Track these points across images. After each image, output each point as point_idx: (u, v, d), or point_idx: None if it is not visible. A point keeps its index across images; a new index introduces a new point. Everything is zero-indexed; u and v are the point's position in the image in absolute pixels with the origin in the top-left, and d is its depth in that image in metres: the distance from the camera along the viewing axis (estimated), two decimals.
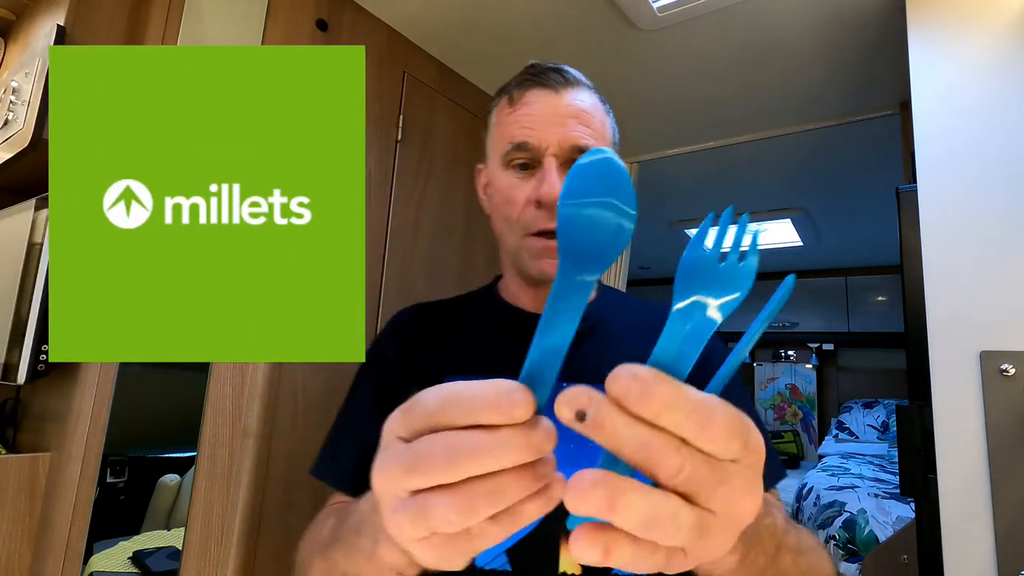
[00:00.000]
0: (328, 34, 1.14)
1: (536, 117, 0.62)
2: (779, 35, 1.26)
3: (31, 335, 0.79)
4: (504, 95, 0.67)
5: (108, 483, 0.84)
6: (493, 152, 0.67)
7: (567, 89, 0.63)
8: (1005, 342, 0.82)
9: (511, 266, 0.68)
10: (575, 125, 0.61)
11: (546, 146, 0.61)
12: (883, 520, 2.22)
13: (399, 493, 0.25)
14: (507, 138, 0.63)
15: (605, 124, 0.65)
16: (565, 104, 0.62)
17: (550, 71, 0.64)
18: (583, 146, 0.61)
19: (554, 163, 0.60)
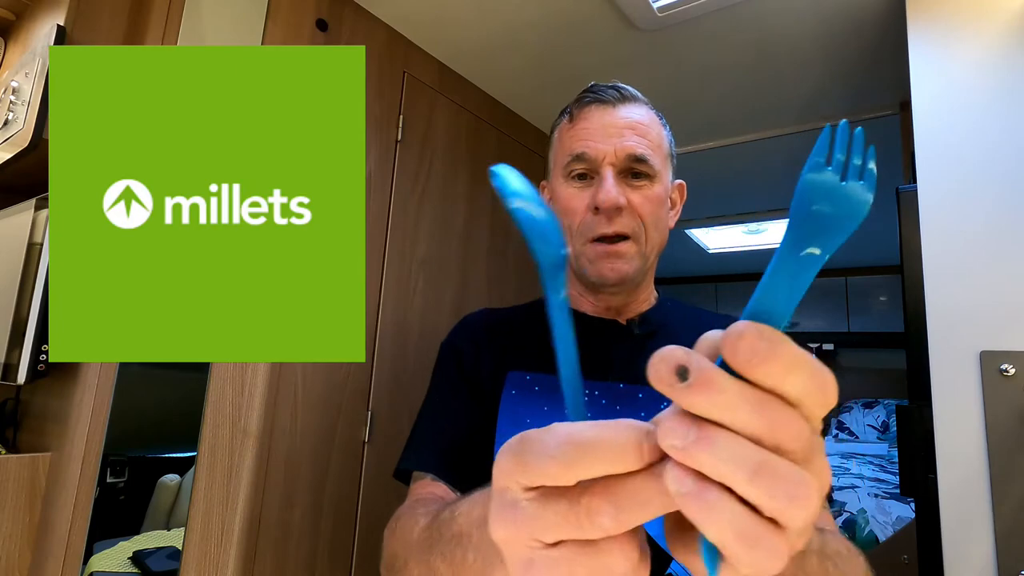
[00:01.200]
0: (328, 34, 1.14)
1: (593, 130, 0.65)
2: (779, 35, 1.26)
3: (31, 335, 0.79)
4: (565, 114, 0.71)
5: (108, 483, 0.84)
6: (555, 166, 0.70)
7: (623, 104, 0.66)
8: (1005, 342, 0.82)
9: (572, 273, 0.70)
10: (630, 135, 0.64)
11: (603, 156, 0.64)
12: (883, 520, 2.22)
13: (532, 545, 0.23)
14: (567, 151, 0.66)
15: (661, 136, 0.68)
16: (621, 116, 0.65)
17: (607, 88, 0.67)
18: (639, 155, 0.64)
19: (611, 172, 0.63)
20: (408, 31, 1.31)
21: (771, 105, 1.58)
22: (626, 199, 0.63)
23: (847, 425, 3.79)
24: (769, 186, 2.31)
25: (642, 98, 0.69)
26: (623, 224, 0.64)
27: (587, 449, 0.21)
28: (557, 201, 0.68)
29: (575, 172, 0.66)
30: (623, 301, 0.70)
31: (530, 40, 1.32)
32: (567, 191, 0.66)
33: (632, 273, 0.66)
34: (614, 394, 0.65)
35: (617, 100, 0.66)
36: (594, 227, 0.64)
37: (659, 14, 1.18)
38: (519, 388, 0.66)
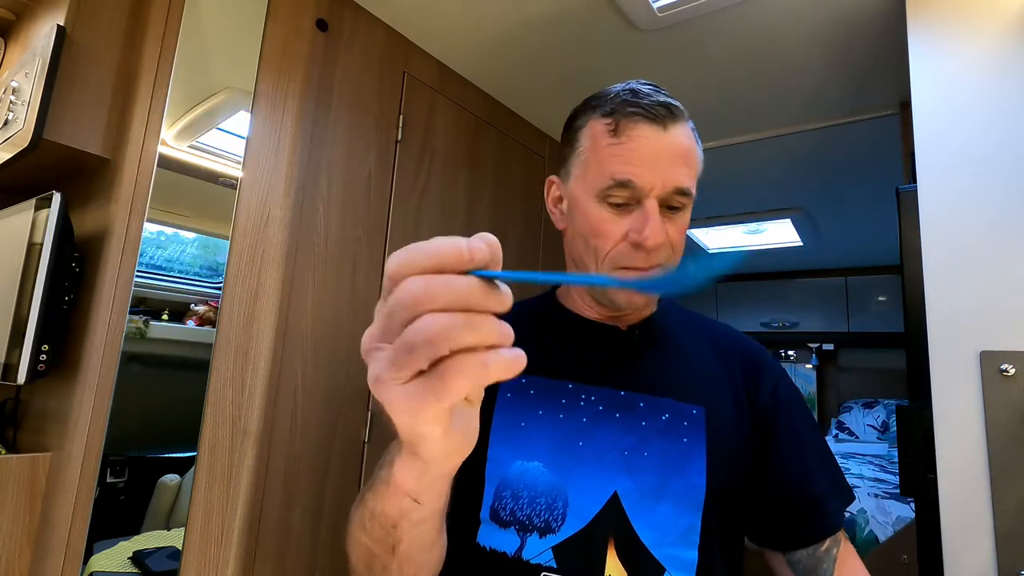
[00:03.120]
0: (328, 34, 1.14)
1: (643, 156, 0.60)
2: (779, 35, 1.26)
3: (31, 335, 0.79)
4: (603, 116, 0.64)
5: (108, 483, 0.84)
6: (585, 176, 0.65)
7: (672, 124, 0.62)
8: (1005, 342, 0.82)
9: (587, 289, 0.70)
10: (679, 166, 0.61)
11: (650, 188, 0.60)
12: (883, 520, 2.22)
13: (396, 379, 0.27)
14: (608, 172, 0.61)
15: (699, 159, 0.66)
16: (672, 144, 0.61)
17: (658, 105, 0.62)
18: (684, 188, 0.62)
19: (656, 205, 0.60)
20: (408, 31, 1.31)
21: (771, 105, 1.58)
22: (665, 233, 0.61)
23: (847, 425, 3.79)
24: (769, 186, 2.31)
25: (684, 112, 0.65)
26: (659, 258, 0.62)
27: (418, 248, 0.26)
28: (584, 219, 0.64)
29: (614, 199, 0.61)
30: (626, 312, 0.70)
31: (530, 40, 1.32)
32: (601, 213, 0.62)
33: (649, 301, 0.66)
34: (613, 401, 0.65)
35: (667, 119, 0.61)
36: (629, 259, 0.61)
37: (659, 14, 1.18)
38: (514, 391, 0.66)
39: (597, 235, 0.63)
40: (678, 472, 0.61)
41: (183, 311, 0.96)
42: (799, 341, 4.16)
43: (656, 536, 0.59)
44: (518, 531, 0.59)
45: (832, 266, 3.82)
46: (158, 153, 0.89)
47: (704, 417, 0.64)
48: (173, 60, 0.92)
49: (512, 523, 0.60)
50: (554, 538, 0.59)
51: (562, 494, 0.60)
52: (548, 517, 0.59)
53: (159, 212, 0.90)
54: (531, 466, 0.61)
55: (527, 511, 0.60)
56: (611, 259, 0.62)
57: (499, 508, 0.61)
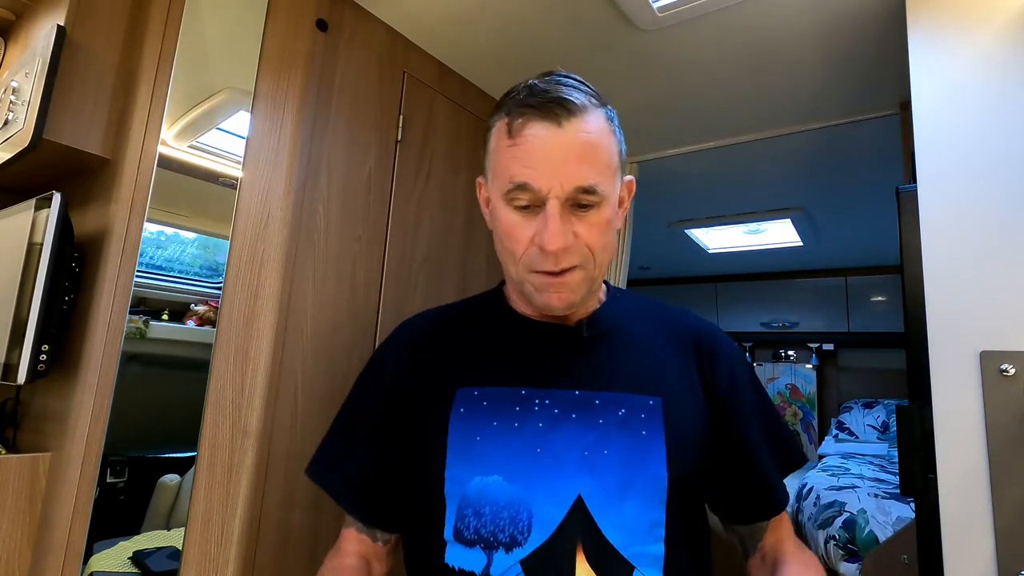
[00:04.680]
0: (328, 34, 1.14)
1: (536, 157, 0.58)
2: (779, 35, 1.26)
3: (31, 335, 0.79)
4: (504, 116, 0.63)
5: (108, 483, 0.84)
6: (494, 179, 0.64)
7: (570, 120, 0.59)
8: (1005, 342, 0.82)
9: (515, 287, 0.69)
10: (578, 164, 0.58)
11: (548, 189, 0.58)
12: (883, 520, 2.22)
13: None
14: (507, 176, 0.60)
15: (611, 150, 0.62)
16: (567, 141, 0.58)
17: (551, 103, 0.59)
18: (587, 186, 0.58)
19: (556, 207, 0.58)
20: (408, 31, 1.31)
21: (771, 105, 1.58)
22: (572, 233, 0.59)
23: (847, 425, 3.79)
24: (769, 186, 2.31)
25: (590, 101, 0.61)
26: (570, 260, 0.60)
27: None
28: (498, 221, 0.64)
29: (518, 202, 0.60)
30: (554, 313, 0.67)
31: (530, 40, 1.32)
32: (510, 217, 0.61)
33: (579, 300, 0.63)
34: (568, 402, 0.64)
35: (563, 117, 0.58)
36: (539, 263, 0.60)
37: (659, 14, 1.18)
38: (467, 406, 0.64)
39: (509, 238, 0.62)
40: (639, 466, 0.61)
41: (183, 311, 0.96)
42: (799, 341, 4.16)
43: (623, 536, 0.59)
44: (483, 548, 0.58)
45: (832, 266, 3.81)
46: (158, 153, 0.89)
47: (661, 407, 0.64)
48: (173, 60, 0.92)
49: (477, 541, 0.59)
50: (521, 551, 0.57)
51: (525, 505, 0.59)
52: (513, 531, 0.58)
53: (159, 212, 0.90)
54: (490, 480, 0.60)
55: (491, 527, 0.59)
56: (524, 263, 0.62)
57: (462, 527, 0.60)
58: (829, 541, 2.30)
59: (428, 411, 0.66)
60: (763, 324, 4.09)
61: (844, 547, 2.23)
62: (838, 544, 2.25)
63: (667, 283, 4.40)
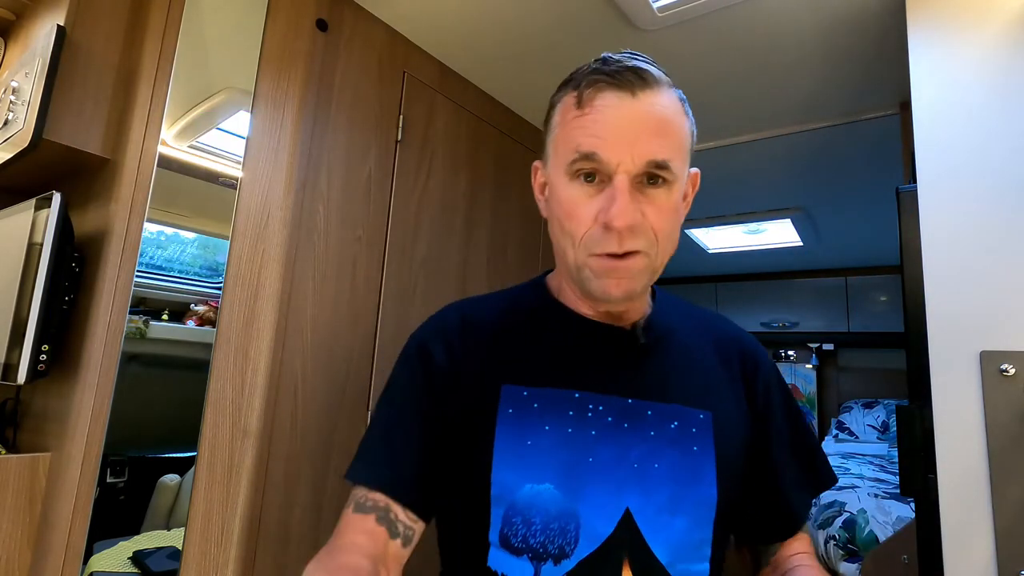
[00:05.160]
0: (328, 34, 1.14)
1: (608, 126, 0.55)
2: (779, 35, 1.26)
3: (31, 335, 0.79)
4: (571, 89, 0.59)
5: (108, 483, 0.84)
6: (555, 155, 0.60)
7: (645, 91, 0.55)
8: (1005, 342, 0.82)
9: (569, 277, 0.63)
10: (651, 138, 0.54)
11: (617, 161, 0.54)
12: (883, 520, 2.22)
13: None
14: (573, 145, 0.56)
15: (684, 129, 0.59)
16: (642, 112, 0.55)
17: (626, 71, 0.56)
18: (660, 161, 0.54)
19: (626, 181, 0.54)
20: (408, 31, 1.31)
21: (771, 105, 1.58)
22: (640, 213, 0.55)
23: (847, 425, 3.79)
24: (769, 186, 2.31)
25: (664, 79, 0.58)
26: (635, 242, 0.55)
27: None
28: (558, 201, 0.59)
29: (582, 172, 0.56)
30: (624, 308, 0.65)
31: (530, 40, 1.32)
32: (570, 193, 0.57)
33: (639, 290, 0.59)
34: (621, 410, 0.61)
35: (636, 85, 0.55)
36: (603, 244, 0.56)
37: (659, 14, 1.18)
38: (516, 406, 0.61)
39: (570, 217, 0.57)
40: (690, 483, 0.59)
41: (183, 311, 0.96)
42: (799, 341, 4.16)
43: (671, 553, 0.57)
44: (531, 559, 0.57)
45: (832, 266, 3.81)
46: (158, 153, 0.90)
47: (711, 422, 0.62)
48: (173, 60, 0.92)
49: (525, 551, 0.57)
50: (568, 563, 0.56)
51: (574, 516, 0.57)
52: (562, 542, 0.56)
53: (159, 212, 0.90)
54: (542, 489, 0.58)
55: (540, 538, 0.57)
56: (585, 245, 0.57)
57: (510, 534, 0.58)
58: (829, 541, 2.30)
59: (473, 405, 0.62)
60: (763, 324, 4.09)
61: (844, 547, 2.23)
62: (838, 544, 2.25)
63: (667, 283, 4.40)
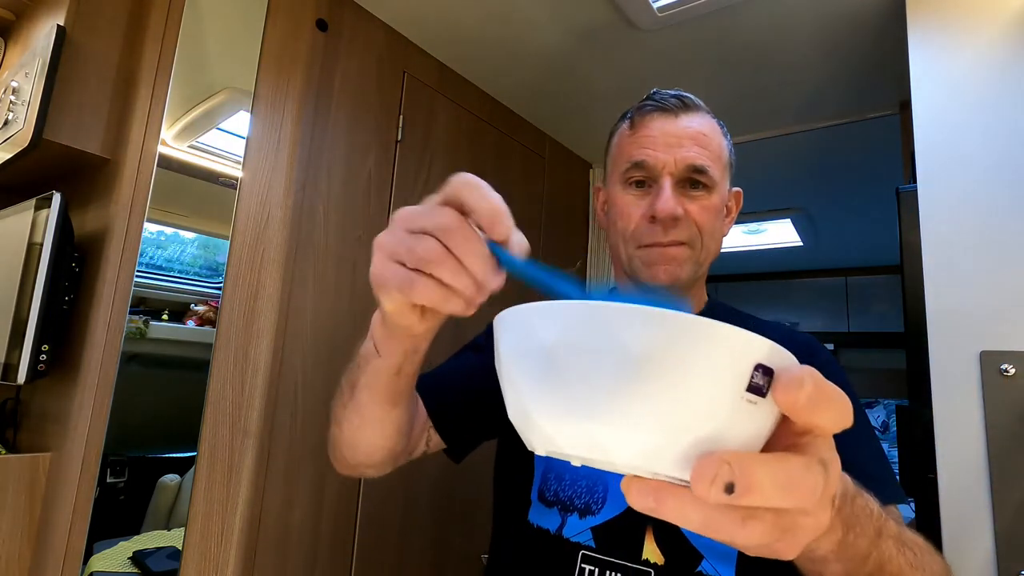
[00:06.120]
0: (328, 34, 1.14)
1: (655, 138, 0.65)
2: (779, 35, 1.26)
3: (31, 335, 0.79)
4: (626, 120, 0.71)
5: (108, 483, 0.84)
6: (613, 172, 0.71)
7: (685, 112, 0.67)
8: (1005, 342, 0.82)
9: (626, 277, 0.71)
10: (691, 146, 0.64)
11: (662, 165, 0.64)
12: None
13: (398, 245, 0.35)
14: (626, 158, 0.67)
15: (722, 146, 0.68)
16: (682, 127, 0.66)
17: (670, 96, 0.68)
18: (698, 165, 0.64)
19: (669, 182, 0.64)
20: (408, 31, 1.31)
21: (771, 105, 1.58)
22: (683, 209, 0.64)
23: None
24: (769, 186, 2.31)
25: (704, 107, 0.69)
26: (679, 234, 0.64)
27: (481, 189, 0.37)
28: (613, 207, 0.69)
29: (633, 179, 0.66)
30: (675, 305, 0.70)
31: (530, 40, 1.32)
32: (624, 198, 0.67)
33: (685, 278, 0.66)
34: None
35: (679, 109, 0.66)
36: (649, 235, 0.65)
37: (659, 14, 1.18)
38: None
39: (622, 216, 0.67)
40: None
41: (183, 311, 0.96)
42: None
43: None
44: (560, 511, 0.62)
45: (832, 266, 3.81)
46: (158, 153, 0.90)
47: None
48: (173, 60, 0.92)
49: (555, 503, 0.63)
50: (593, 519, 0.61)
51: (602, 479, 0.62)
52: (588, 499, 0.62)
53: (159, 212, 0.90)
54: None
55: (568, 492, 0.62)
56: (635, 237, 0.66)
57: (544, 489, 0.64)
58: None
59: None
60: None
61: None
62: None
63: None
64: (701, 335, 0.20)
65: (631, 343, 0.20)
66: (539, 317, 0.23)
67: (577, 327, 0.21)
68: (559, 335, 0.22)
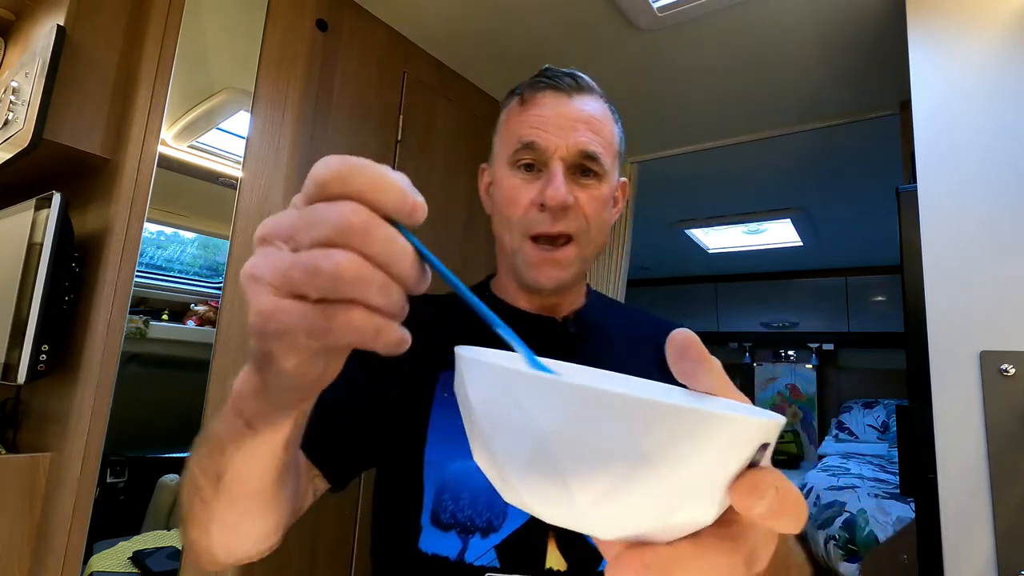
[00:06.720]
0: (328, 34, 1.14)
1: (546, 119, 0.62)
2: (779, 35, 1.26)
3: (31, 335, 0.79)
4: (515, 96, 0.67)
5: (108, 483, 0.84)
6: (500, 151, 0.66)
7: (579, 94, 0.63)
8: (1005, 342, 0.82)
9: (508, 268, 0.68)
10: (584, 131, 0.61)
11: (554, 149, 0.61)
12: (883, 520, 2.22)
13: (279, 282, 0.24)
14: (515, 138, 0.63)
15: (613, 133, 0.65)
16: (576, 109, 0.62)
17: (563, 75, 0.64)
18: (590, 152, 0.61)
19: (560, 167, 0.60)
20: (408, 31, 1.31)
21: (771, 105, 1.58)
22: (573, 198, 0.61)
23: (847, 425, 3.79)
24: (769, 186, 2.31)
25: (598, 89, 0.66)
26: (567, 224, 0.61)
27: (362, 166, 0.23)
28: (499, 190, 0.65)
29: (522, 161, 0.62)
30: (557, 300, 0.68)
31: (531, 39, 1.32)
32: (511, 181, 0.63)
33: (570, 280, 0.64)
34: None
35: (573, 89, 0.63)
36: (537, 224, 0.61)
37: (659, 14, 1.18)
38: (451, 390, 0.61)
39: (509, 203, 0.63)
40: None
41: (183, 311, 0.96)
42: (799, 341, 4.16)
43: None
44: (459, 533, 0.58)
45: (832, 266, 3.82)
46: (158, 153, 0.89)
47: None
48: (173, 60, 0.92)
49: (453, 526, 0.59)
50: (496, 536, 0.57)
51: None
52: (490, 516, 0.58)
53: (159, 212, 0.90)
54: (472, 465, 0.57)
55: (468, 512, 0.59)
56: (522, 226, 0.62)
57: (440, 511, 0.59)
58: (829, 541, 2.30)
59: (411, 389, 0.65)
60: (763, 324, 4.09)
61: (844, 547, 2.23)
62: (838, 544, 2.25)
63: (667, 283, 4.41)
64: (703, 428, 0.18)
65: (645, 444, 0.18)
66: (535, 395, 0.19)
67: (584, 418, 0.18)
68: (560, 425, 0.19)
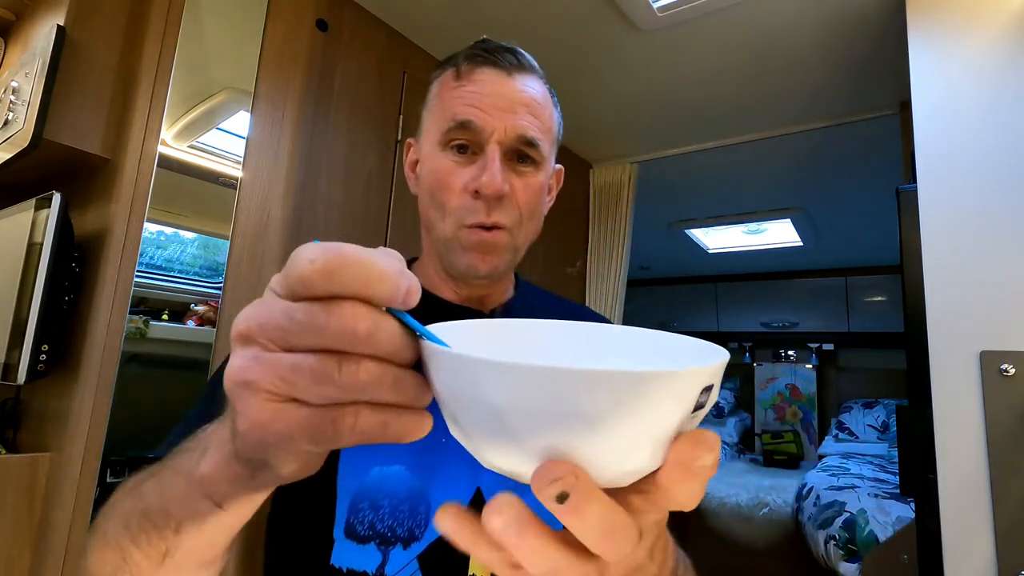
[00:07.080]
0: (328, 34, 1.14)
1: (484, 97, 0.56)
2: (779, 35, 1.26)
3: (31, 335, 0.79)
4: (450, 67, 0.61)
5: (108, 483, 0.84)
6: (430, 127, 0.61)
7: (520, 73, 0.58)
8: (1005, 342, 0.82)
9: (434, 254, 0.63)
10: (524, 114, 0.57)
11: (491, 131, 0.56)
12: (883, 520, 2.22)
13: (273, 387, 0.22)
14: (449, 114, 0.57)
15: (553, 118, 0.61)
16: (517, 89, 0.57)
17: (504, 50, 0.58)
18: (530, 138, 0.57)
19: (497, 151, 0.56)
20: (408, 31, 1.31)
21: (771, 105, 1.58)
22: (509, 186, 0.56)
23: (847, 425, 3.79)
24: (769, 186, 2.31)
25: (539, 70, 0.61)
26: (502, 214, 0.57)
27: (349, 259, 0.21)
28: (429, 171, 0.60)
29: (456, 142, 0.57)
30: (487, 291, 0.64)
31: (531, 40, 1.32)
32: (443, 162, 0.58)
33: (503, 267, 0.60)
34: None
35: (514, 67, 0.58)
36: (471, 214, 0.56)
37: (659, 14, 1.18)
38: None
39: (441, 187, 0.58)
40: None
41: (183, 311, 0.96)
42: (799, 341, 4.16)
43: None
44: (379, 545, 0.54)
45: (832, 266, 3.82)
46: (158, 153, 0.89)
47: None
48: (173, 60, 0.92)
49: (372, 537, 0.54)
50: (418, 546, 0.54)
51: (424, 497, 0.55)
52: (411, 525, 0.54)
53: (159, 212, 0.90)
54: (392, 471, 0.55)
55: (389, 522, 0.54)
56: (455, 216, 0.57)
57: (356, 523, 0.55)
58: (829, 541, 2.30)
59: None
60: (763, 324, 4.09)
61: (844, 547, 2.23)
62: (838, 544, 2.25)
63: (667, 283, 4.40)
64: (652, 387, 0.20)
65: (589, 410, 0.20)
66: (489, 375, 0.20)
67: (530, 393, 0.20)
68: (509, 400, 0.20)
